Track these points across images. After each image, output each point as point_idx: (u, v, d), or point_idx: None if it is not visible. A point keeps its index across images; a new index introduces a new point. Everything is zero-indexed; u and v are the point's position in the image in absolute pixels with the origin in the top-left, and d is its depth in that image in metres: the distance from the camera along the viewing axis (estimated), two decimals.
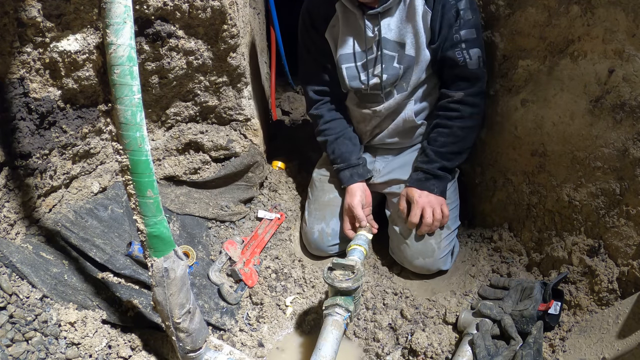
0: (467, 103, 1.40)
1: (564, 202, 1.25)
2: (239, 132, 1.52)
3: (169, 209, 1.48)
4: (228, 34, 1.25)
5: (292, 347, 1.36)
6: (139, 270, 1.20)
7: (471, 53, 1.35)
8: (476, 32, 1.35)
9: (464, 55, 1.36)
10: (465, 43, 1.35)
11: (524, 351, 1.01)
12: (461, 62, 1.36)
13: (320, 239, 1.59)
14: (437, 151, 1.44)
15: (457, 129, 1.42)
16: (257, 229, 1.61)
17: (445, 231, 1.48)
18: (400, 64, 1.41)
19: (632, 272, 1.04)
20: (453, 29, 1.34)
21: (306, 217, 1.65)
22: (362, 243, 1.35)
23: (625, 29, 1.02)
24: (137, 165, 0.82)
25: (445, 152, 1.43)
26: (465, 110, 1.41)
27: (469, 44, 1.35)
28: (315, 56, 1.54)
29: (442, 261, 1.47)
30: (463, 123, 1.41)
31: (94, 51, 1.07)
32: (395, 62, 1.41)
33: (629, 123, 1.04)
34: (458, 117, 1.41)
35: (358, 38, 1.42)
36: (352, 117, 1.65)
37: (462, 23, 1.33)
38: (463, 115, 1.41)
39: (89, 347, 1.02)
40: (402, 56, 1.40)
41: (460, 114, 1.41)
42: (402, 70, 1.41)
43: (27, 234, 1.07)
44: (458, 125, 1.41)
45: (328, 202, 1.63)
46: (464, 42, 1.35)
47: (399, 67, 1.41)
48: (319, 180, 1.69)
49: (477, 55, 1.36)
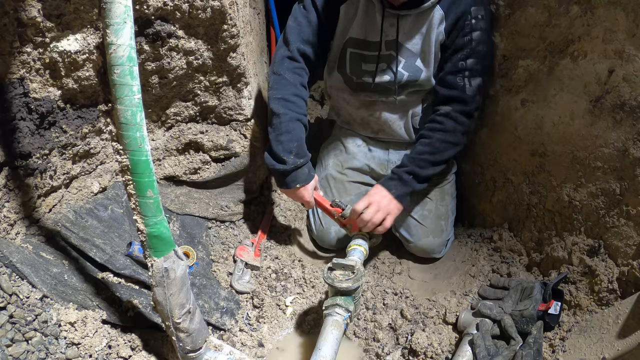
0: (452, 118, 1.39)
1: (564, 202, 1.25)
2: (239, 132, 1.52)
3: (169, 209, 1.48)
4: (228, 34, 1.25)
5: (292, 347, 1.36)
6: (139, 270, 1.20)
7: (472, 82, 1.36)
8: (482, 64, 1.35)
9: (465, 82, 1.36)
10: (469, 72, 1.35)
11: (524, 351, 1.01)
12: (460, 87, 1.37)
13: (337, 238, 1.64)
14: (411, 156, 1.43)
15: (436, 141, 1.40)
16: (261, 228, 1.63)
17: (451, 216, 1.63)
18: (406, 71, 1.42)
19: (632, 272, 1.04)
20: (460, 55, 1.34)
21: (319, 216, 1.66)
22: (362, 243, 1.35)
23: (625, 29, 1.02)
24: (137, 165, 0.82)
25: (418, 159, 1.41)
26: (448, 123, 1.39)
27: (472, 72, 1.35)
28: (320, 17, 1.40)
29: (443, 244, 1.60)
30: (443, 136, 1.40)
31: (94, 51, 1.07)
32: (402, 67, 1.42)
33: (629, 123, 1.04)
34: (440, 130, 1.41)
35: (371, 29, 1.40)
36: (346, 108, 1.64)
37: (471, 52, 1.33)
38: (445, 129, 1.40)
39: (89, 347, 1.02)
40: (410, 65, 1.42)
41: (443, 127, 1.40)
42: (406, 78, 1.43)
43: (27, 234, 1.07)
44: (438, 137, 1.40)
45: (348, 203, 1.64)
46: (468, 70, 1.35)
47: (405, 73, 1.42)
48: (335, 180, 1.68)
49: (477, 84, 1.37)
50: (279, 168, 1.37)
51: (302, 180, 1.39)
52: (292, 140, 1.35)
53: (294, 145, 1.35)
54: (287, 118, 1.35)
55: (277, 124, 1.36)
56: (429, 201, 1.60)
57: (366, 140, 1.70)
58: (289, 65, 1.40)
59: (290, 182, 1.39)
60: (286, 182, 1.39)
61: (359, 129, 1.68)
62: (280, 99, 1.37)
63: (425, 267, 1.64)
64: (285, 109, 1.36)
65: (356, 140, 1.71)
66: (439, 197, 1.60)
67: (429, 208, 1.59)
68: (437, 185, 1.61)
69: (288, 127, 1.35)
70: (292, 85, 1.39)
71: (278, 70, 1.40)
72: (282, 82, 1.39)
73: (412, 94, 1.50)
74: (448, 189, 1.62)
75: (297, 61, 1.42)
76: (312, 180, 1.44)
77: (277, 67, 1.41)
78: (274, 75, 1.41)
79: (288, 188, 1.40)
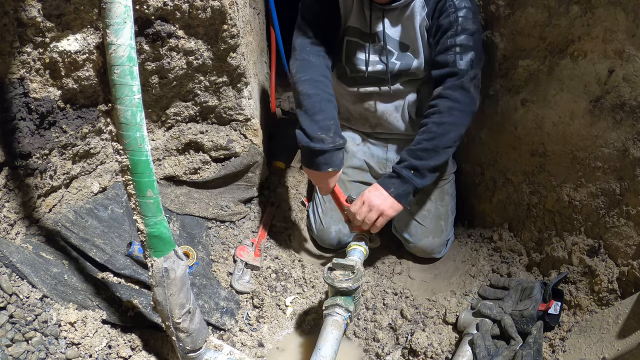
0: (445, 96, 1.30)
1: (564, 202, 1.25)
2: (239, 132, 1.52)
3: (169, 209, 1.48)
4: (228, 34, 1.25)
5: (292, 347, 1.36)
6: (139, 270, 1.20)
7: (464, 56, 1.30)
8: (473, 40, 1.31)
9: (456, 58, 1.30)
10: (459, 47, 1.30)
11: (524, 351, 1.01)
12: (451, 62, 1.30)
13: (337, 239, 1.65)
14: (409, 149, 1.32)
15: (432, 125, 1.29)
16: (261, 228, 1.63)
17: (451, 215, 1.62)
18: (398, 61, 1.45)
19: (632, 272, 1.04)
20: (448, 34, 1.32)
21: (320, 216, 1.66)
22: (362, 243, 1.35)
23: (625, 29, 1.02)
24: (137, 165, 0.82)
25: (416, 149, 1.30)
26: (442, 104, 1.29)
27: (463, 48, 1.30)
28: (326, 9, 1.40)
29: (443, 244, 1.60)
30: (439, 118, 1.28)
31: (94, 51, 1.07)
32: (395, 59, 1.45)
33: (629, 123, 1.04)
34: (435, 113, 1.30)
35: (364, 21, 1.43)
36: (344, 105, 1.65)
37: (460, 30, 1.30)
38: (440, 110, 1.29)
39: (89, 347, 1.02)
40: (401, 56, 1.44)
41: (437, 109, 1.30)
42: (398, 68, 1.45)
43: (27, 234, 1.07)
44: (434, 120, 1.29)
45: None
46: (458, 46, 1.30)
47: (396, 63, 1.45)
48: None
49: (469, 58, 1.29)
50: (316, 147, 1.24)
51: (337, 164, 1.29)
52: (328, 118, 1.26)
53: (332, 124, 1.26)
54: (319, 98, 1.28)
55: (309, 105, 1.27)
56: (428, 201, 1.60)
57: (365, 137, 1.70)
58: (311, 49, 1.37)
59: (322, 164, 1.27)
60: (317, 163, 1.27)
61: (357, 125, 1.69)
62: (310, 79, 1.31)
63: (425, 267, 1.64)
64: (317, 89, 1.29)
65: (355, 138, 1.71)
66: (439, 197, 1.60)
67: (429, 208, 1.59)
68: (437, 185, 1.61)
69: (322, 107, 1.27)
70: (319, 66, 1.35)
71: (302, 56, 1.36)
72: (308, 65, 1.35)
73: (406, 84, 1.50)
74: (448, 189, 1.62)
75: (319, 46, 1.38)
76: (340, 169, 1.34)
77: (299, 54, 1.37)
78: (297, 61, 1.37)
79: (319, 170, 1.28)
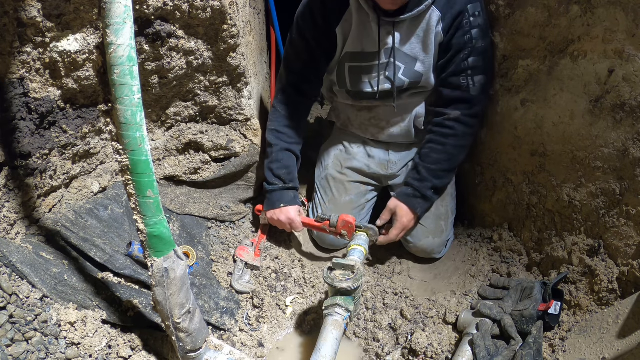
0: (462, 122, 1.41)
1: (564, 202, 1.25)
2: (239, 132, 1.52)
3: (169, 209, 1.48)
4: (228, 34, 1.25)
5: (292, 347, 1.36)
6: (139, 270, 1.20)
7: (475, 80, 1.37)
8: (483, 60, 1.36)
9: (468, 82, 1.37)
10: (471, 70, 1.36)
11: (524, 351, 1.01)
12: (464, 87, 1.38)
13: (336, 239, 1.64)
14: (429, 168, 1.45)
15: (450, 147, 1.43)
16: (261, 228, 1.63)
17: (451, 216, 1.63)
18: (406, 77, 1.42)
19: (632, 272, 1.04)
20: (462, 55, 1.35)
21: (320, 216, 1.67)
22: (362, 243, 1.35)
23: (625, 29, 1.02)
24: (137, 165, 0.82)
25: (437, 170, 1.45)
26: (459, 129, 1.41)
27: (475, 71, 1.36)
28: (312, 47, 1.44)
29: (443, 244, 1.61)
30: (456, 141, 1.43)
31: (94, 51, 1.07)
32: (401, 74, 1.42)
33: (629, 123, 1.04)
34: (452, 135, 1.42)
35: (368, 40, 1.40)
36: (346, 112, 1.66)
37: (472, 50, 1.34)
38: (457, 134, 1.42)
39: (89, 347, 1.02)
40: (410, 70, 1.41)
41: (455, 132, 1.42)
42: (407, 84, 1.43)
43: (27, 234, 1.07)
44: (452, 143, 1.43)
45: (348, 203, 1.67)
46: (471, 69, 1.36)
47: (405, 80, 1.43)
48: (335, 180, 1.69)
49: (480, 83, 1.38)
50: (268, 188, 1.52)
51: (287, 201, 1.51)
52: (281, 167, 1.51)
53: (283, 172, 1.51)
54: (277, 148, 1.52)
55: (269, 153, 1.53)
56: None
57: (366, 142, 1.70)
58: (281, 98, 1.53)
59: (275, 202, 1.51)
60: (272, 201, 1.52)
61: (359, 132, 1.69)
62: (273, 130, 1.53)
63: (425, 267, 1.64)
64: (277, 140, 1.52)
65: (356, 141, 1.71)
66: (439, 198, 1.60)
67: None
68: None
69: (278, 157, 1.51)
70: (283, 117, 1.53)
71: (274, 103, 1.56)
72: (276, 115, 1.54)
73: (413, 96, 1.50)
74: (448, 189, 1.62)
75: (290, 93, 1.52)
76: (297, 205, 1.53)
77: (274, 100, 1.56)
78: (272, 107, 1.56)
79: (274, 208, 1.51)
